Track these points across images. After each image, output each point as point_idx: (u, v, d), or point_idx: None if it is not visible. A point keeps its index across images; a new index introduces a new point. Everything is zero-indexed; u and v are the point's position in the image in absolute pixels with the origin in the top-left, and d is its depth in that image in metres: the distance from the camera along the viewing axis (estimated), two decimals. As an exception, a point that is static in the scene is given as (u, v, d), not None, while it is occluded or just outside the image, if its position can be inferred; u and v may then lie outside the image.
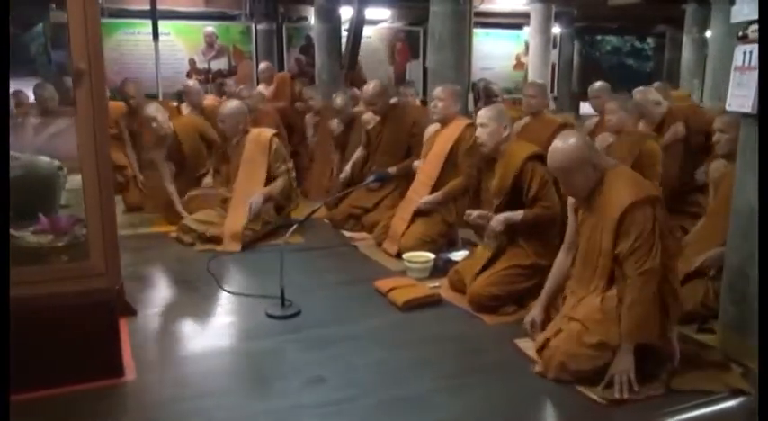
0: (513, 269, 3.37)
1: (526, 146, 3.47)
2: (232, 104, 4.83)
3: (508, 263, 3.39)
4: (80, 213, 2.69)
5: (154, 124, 5.09)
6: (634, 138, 4.20)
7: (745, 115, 2.74)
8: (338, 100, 5.64)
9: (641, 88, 4.67)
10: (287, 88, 7.93)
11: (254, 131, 4.88)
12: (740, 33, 2.73)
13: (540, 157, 3.34)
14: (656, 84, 5.64)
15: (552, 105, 8.58)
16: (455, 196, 4.32)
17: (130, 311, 3.30)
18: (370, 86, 5.09)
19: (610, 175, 2.62)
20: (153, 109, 5.12)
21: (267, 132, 4.86)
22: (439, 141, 4.39)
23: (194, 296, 3.72)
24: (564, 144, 2.64)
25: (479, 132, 3.51)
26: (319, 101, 6.58)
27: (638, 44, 25.28)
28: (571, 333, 2.59)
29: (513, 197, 3.41)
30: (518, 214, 3.38)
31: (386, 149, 5.09)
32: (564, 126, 5.10)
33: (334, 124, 5.98)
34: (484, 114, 3.51)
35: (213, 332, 3.27)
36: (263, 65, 8.35)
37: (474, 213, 3.54)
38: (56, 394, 2.51)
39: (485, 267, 3.43)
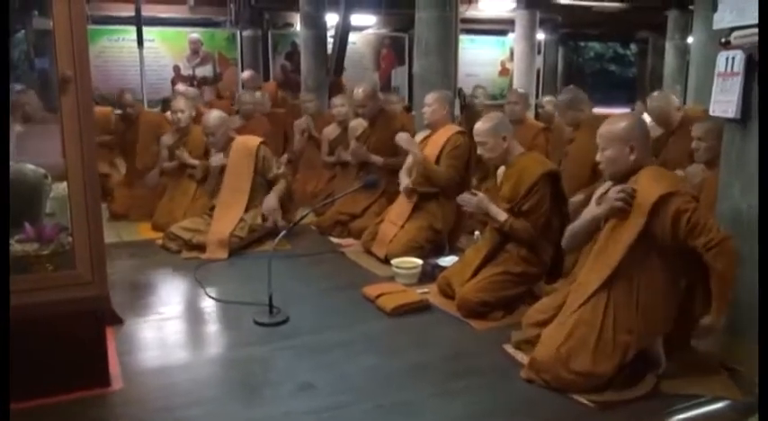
0: (503, 275, 3.38)
1: (542, 160, 3.47)
2: (215, 115, 4.77)
3: (498, 269, 3.40)
4: (65, 221, 2.66)
5: (179, 114, 5.28)
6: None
7: (728, 120, 2.77)
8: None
9: (658, 93, 4.61)
10: (275, 98, 7.95)
11: (240, 139, 4.85)
12: (722, 40, 2.77)
13: (554, 175, 3.38)
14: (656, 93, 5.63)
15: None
16: (428, 178, 4.30)
17: (117, 320, 3.27)
18: (361, 89, 5.10)
19: (647, 169, 2.62)
20: (182, 103, 5.36)
21: (253, 140, 4.84)
22: (429, 147, 4.41)
23: (181, 304, 3.70)
24: (619, 119, 2.70)
25: (480, 151, 3.51)
26: (315, 105, 6.59)
27: (620, 50, 25.54)
28: (559, 354, 2.56)
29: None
30: (502, 215, 3.39)
31: (374, 154, 5.10)
32: (546, 130, 5.21)
33: (331, 128, 5.98)
34: (480, 130, 3.45)
35: (201, 340, 3.26)
36: (247, 74, 8.31)
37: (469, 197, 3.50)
38: (41, 405, 2.48)
39: (474, 273, 3.44)
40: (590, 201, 2.85)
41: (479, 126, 3.48)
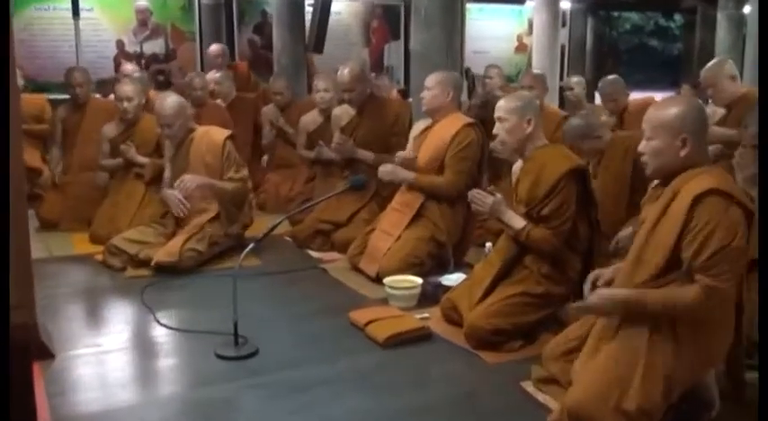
0: (521, 297, 3.38)
1: (566, 154, 3.49)
2: (172, 101, 4.71)
3: (515, 289, 3.41)
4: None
5: (125, 104, 5.26)
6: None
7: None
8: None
9: (712, 62, 4.73)
10: (247, 81, 7.96)
11: (202, 131, 4.84)
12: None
13: (581, 172, 3.40)
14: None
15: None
16: (430, 193, 4.35)
17: (47, 354, 3.26)
18: (347, 70, 5.10)
19: (699, 170, 2.56)
20: (131, 90, 5.33)
21: (219, 133, 4.83)
22: (431, 142, 4.42)
23: (126, 333, 3.70)
24: (671, 103, 2.66)
25: (497, 128, 3.52)
26: (289, 96, 6.60)
27: (663, 22, 25.74)
28: (604, 392, 2.51)
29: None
30: (519, 221, 3.42)
31: (362, 149, 5.11)
32: (567, 119, 5.22)
33: (310, 117, 5.99)
34: (503, 105, 3.50)
35: (150, 378, 3.25)
36: (215, 48, 8.18)
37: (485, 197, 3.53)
38: (-47, 458, 2.47)
39: (486, 294, 3.46)
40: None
41: (503, 102, 3.54)
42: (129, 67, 8.12)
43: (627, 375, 2.51)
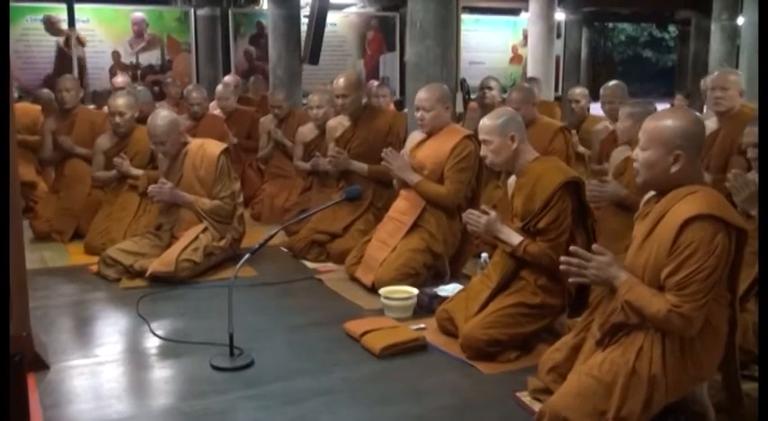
0: (517, 308, 3.39)
1: (560, 167, 3.49)
2: (164, 119, 4.68)
3: (511, 300, 3.41)
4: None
5: (117, 118, 5.28)
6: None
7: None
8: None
9: (732, 70, 4.72)
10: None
11: (197, 144, 4.85)
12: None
13: (575, 185, 3.40)
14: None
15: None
16: (430, 200, 4.35)
17: (41, 365, 3.25)
18: (342, 78, 5.11)
19: (689, 189, 2.52)
20: (123, 103, 5.33)
21: (213, 147, 4.82)
22: (430, 154, 4.40)
23: (120, 344, 3.69)
24: (670, 115, 2.59)
25: (483, 151, 3.54)
26: (287, 108, 6.60)
27: (657, 33, 25.90)
28: (584, 394, 2.51)
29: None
30: (515, 237, 3.42)
31: (357, 160, 5.12)
32: (564, 129, 5.22)
33: (306, 129, 6.00)
34: (485, 127, 3.49)
35: (145, 389, 3.24)
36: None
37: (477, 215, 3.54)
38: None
39: (482, 307, 3.45)
40: None
41: (484, 122, 3.52)
42: (119, 79, 8.11)
43: (610, 380, 2.51)
